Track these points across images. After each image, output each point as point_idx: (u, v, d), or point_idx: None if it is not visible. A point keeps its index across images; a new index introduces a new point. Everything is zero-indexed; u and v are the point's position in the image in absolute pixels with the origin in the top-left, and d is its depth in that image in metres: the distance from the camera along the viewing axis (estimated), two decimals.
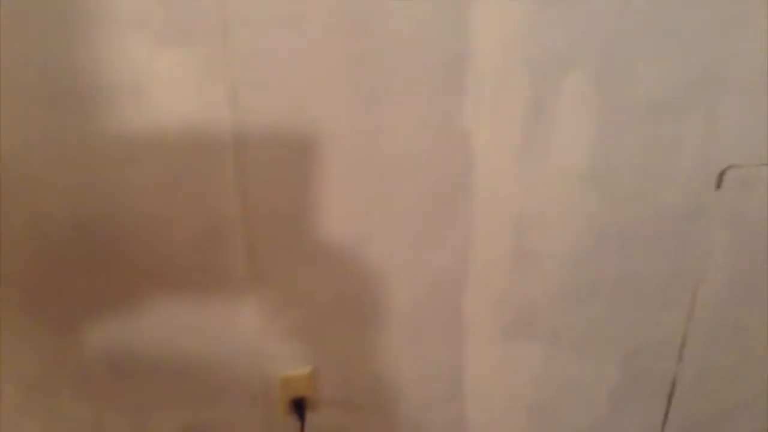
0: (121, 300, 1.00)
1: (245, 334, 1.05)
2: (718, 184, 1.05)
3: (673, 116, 0.99)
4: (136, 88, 0.86)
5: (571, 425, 1.23)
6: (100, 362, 1.05)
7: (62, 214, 0.92)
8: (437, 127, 0.94)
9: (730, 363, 1.21)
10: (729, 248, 1.11)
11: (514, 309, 1.10)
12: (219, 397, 1.11)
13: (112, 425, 1.11)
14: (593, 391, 1.21)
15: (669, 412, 1.25)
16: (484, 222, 1.02)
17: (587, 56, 0.92)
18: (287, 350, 1.08)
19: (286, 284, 1.02)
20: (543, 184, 1.00)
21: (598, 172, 1.00)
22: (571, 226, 1.04)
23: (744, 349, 1.21)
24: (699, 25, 0.94)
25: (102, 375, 1.06)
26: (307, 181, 0.95)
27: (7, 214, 0.91)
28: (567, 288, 1.09)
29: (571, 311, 1.11)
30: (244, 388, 1.11)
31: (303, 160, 0.94)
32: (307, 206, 0.97)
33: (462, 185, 0.99)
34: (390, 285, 1.05)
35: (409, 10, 0.87)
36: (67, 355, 1.03)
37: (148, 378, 1.07)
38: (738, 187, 1.05)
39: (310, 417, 1.15)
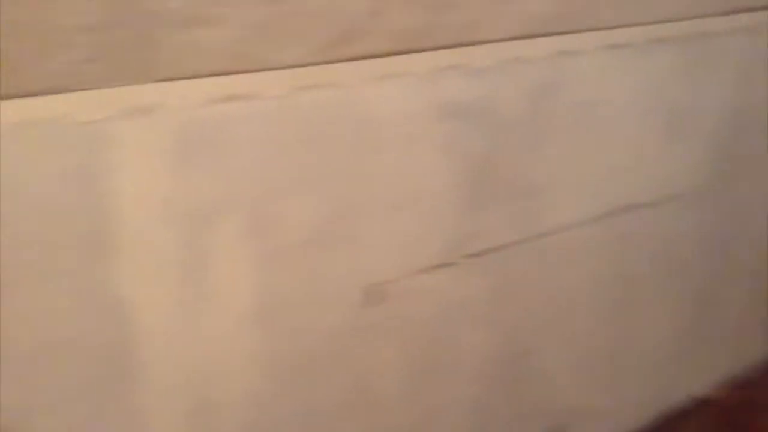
0: None
1: None
2: (372, 301, 1.15)
3: (321, 247, 1.06)
4: None
5: None
6: None
7: None
8: (90, 299, 0.87)
9: None
10: (395, 361, 1.21)
11: None
12: None
13: None
14: None
15: None
16: (156, 389, 0.96)
17: (240, 203, 0.96)
18: None
19: None
20: (211, 334, 0.98)
21: (262, 311, 1.03)
22: (244, 369, 1.04)
23: None
24: (335, 163, 1.03)
25: None
26: None
27: None
28: None
29: None
30: None
31: None
32: None
33: (125, 355, 0.92)
34: None
35: (37, 193, 0.81)
36: None
37: None
38: (393, 299, 1.17)
39: None
